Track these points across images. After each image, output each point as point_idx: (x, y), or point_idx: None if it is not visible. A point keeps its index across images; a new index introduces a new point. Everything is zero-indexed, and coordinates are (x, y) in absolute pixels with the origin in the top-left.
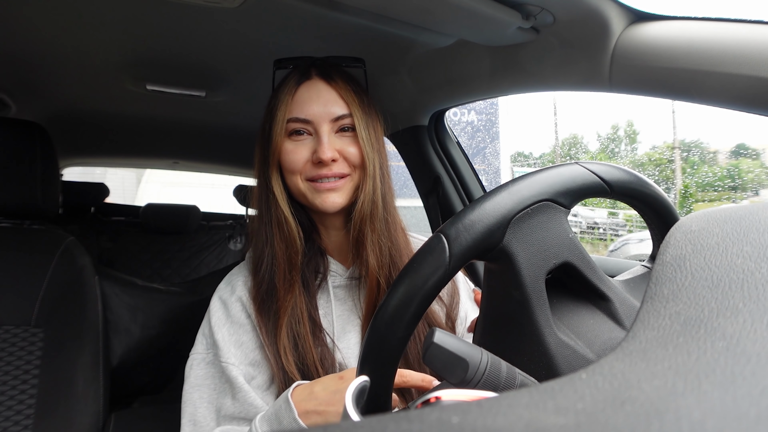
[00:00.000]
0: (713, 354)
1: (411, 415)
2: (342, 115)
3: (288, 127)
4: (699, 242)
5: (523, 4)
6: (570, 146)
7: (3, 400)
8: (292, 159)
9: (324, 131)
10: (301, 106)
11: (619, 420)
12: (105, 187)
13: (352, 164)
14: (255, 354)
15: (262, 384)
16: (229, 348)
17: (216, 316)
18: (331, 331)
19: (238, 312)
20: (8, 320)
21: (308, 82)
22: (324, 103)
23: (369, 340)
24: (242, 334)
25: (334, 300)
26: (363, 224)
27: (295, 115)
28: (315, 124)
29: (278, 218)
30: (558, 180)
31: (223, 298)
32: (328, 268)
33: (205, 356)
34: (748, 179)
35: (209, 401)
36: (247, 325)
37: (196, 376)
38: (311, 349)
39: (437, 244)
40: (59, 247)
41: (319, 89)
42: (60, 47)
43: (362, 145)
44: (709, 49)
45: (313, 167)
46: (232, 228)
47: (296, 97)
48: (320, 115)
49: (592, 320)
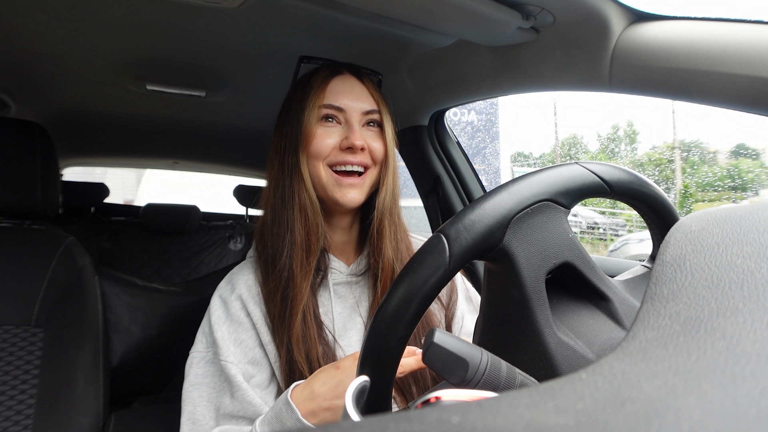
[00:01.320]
0: (713, 354)
1: (411, 415)
2: (371, 110)
3: (320, 112)
4: (699, 242)
5: (523, 4)
6: (570, 146)
7: (3, 400)
8: (322, 143)
9: (355, 120)
10: (335, 95)
11: (619, 420)
12: (105, 187)
13: (374, 158)
14: (254, 352)
15: (261, 383)
16: (229, 346)
17: (216, 315)
18: (332, 328)
19: (238, 310)
20: (8, 320)
21: (341, 76)
22: (357, 96)
23: (369, 340)
24: (242, 333)
25: (334, 297)
26: (383, 217)
27: (329, 102)
28: (347, 114)
29: (302, 203)
30: (558, 180)
31: (223, 296)
32: (329, 265)
33: (205, 355)
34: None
35: (208, 400)
36: (246, 323)
37: (196, 374)
38: (315, 344)
39: (437, 244)
40: (59, 247)
41: (351, 83)
42: (60, 47)
43: (387, 141)
44: (709, 49)
45: (340, 152)
46: (232, 228)
47: (330, 86)
48: (352, 106)
49: (592, 320)
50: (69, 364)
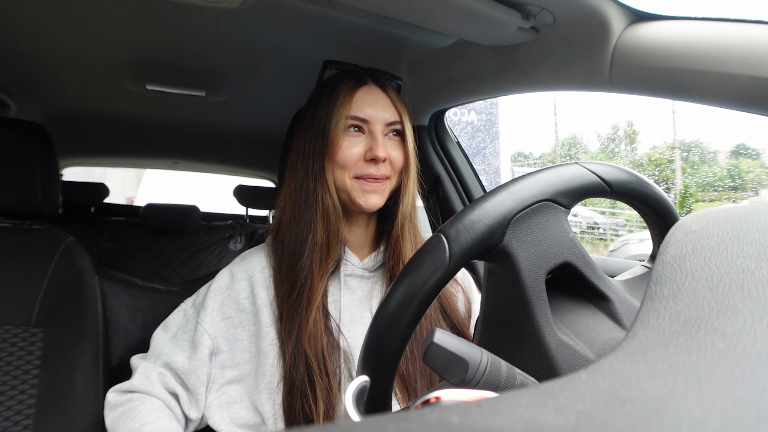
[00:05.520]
0: (713, 354)
1: (411, 415)
2: (394, 121)
3: (346, 123)
4: (699, 242)
5: (523, 4)
6: (570, 146)
7: (3, 400)
8: (348, 154)
9: (378, 131)
10: (361, 107)
11: (619, 420)
12: (105, 187)
13: (395, 168)
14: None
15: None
16: (214, 316)
17: (217, 284)
18: (338, 317)
19: (241, 291)
20: (8, 320)
21: (366, 87)
22: (381, 107)
23: (369, 340)
24: (232, 310)
25: (344, 288)
26: (405, 222)
27: (355, 113)
28: (371, 125)
29: (326, 208)
30: (558, 180)
31: (233, 272)
32: (343, 257)
33: (188, 309)
34: (748, 179)
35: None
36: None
37: (172, 320)
38: (321, 336)
39: (437, 244)
40: (59, 247)
41: (376, 94)
42: (60, 47)
43: (408, 150)
44: (709, 49)
45: (365, 164)
46: (232, 228)
47: (356, 97)
48: (376, 118)
49: (592, 320)
50: (69, 364)
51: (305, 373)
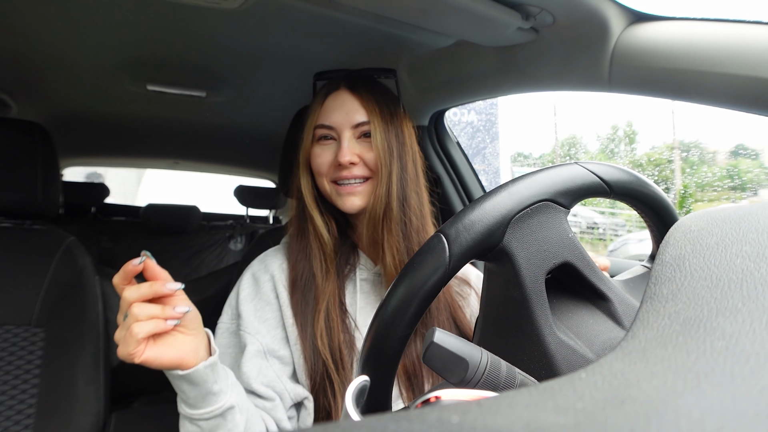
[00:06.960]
0: (712, 353)
1: (411, 414)
2: (362, 122)
3: (315, 133)
4: (698, 242)
5: (523, 4)
6: (569, 146)
7: (4, 399)
8: (319, 162)
9: (345, 137)
10: (327, 114)
11: (619, 420)
12: (105, 187)
13: (371, 168)
14: (277, 332)
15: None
16: (252, 321)
17: (245, 291)
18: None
19: (268, 291)
20: (9, 320)
21: (336, 93)
22: (347, 111)
23: (369, 340)
24: (267, 311)
25: (359, 292)
26: (377, 226)
27: (321, 122)
28: (338, 130)
29: (310, 215)
30: (558, 180)
31: (255, 274)
32: (358, 261)
33: (229, 326)
34: (747, 179)
35: (230, 367)
36: (273, 303)
37: (219, 344)
38: (339, 333)
39: (437, 244)
40: (60, 247)
41: (343, 99)
42: (61, 48)
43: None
44: (709, 50)
45: (336, 169)
46: (233, 228)
47: (324, 106)
48: (342, 122)
49: (591, 320)
50: (69, 364)
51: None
